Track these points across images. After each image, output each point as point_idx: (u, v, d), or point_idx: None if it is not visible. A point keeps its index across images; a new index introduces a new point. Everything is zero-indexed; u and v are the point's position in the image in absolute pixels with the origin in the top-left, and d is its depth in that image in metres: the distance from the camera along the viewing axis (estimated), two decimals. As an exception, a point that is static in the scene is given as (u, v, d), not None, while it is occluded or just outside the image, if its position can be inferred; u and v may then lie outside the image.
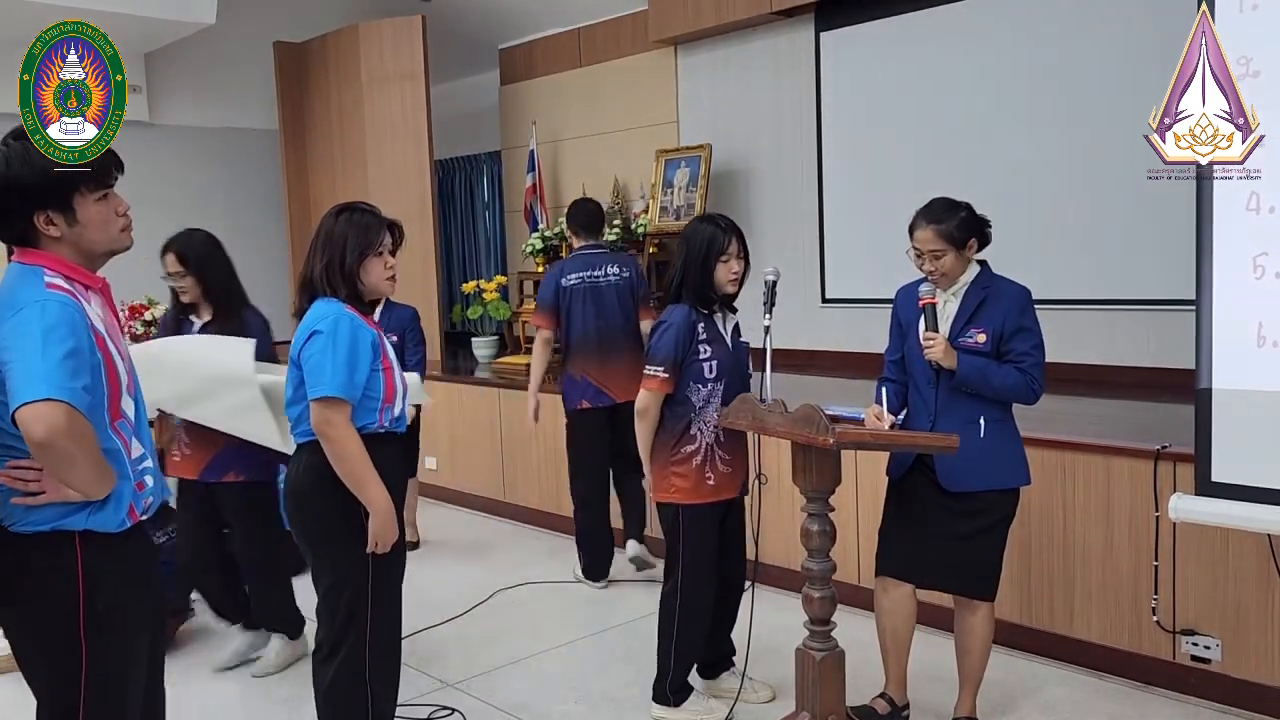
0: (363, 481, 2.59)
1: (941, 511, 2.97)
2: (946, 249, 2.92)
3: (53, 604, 1.96)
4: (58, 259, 2.00)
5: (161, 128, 9.29)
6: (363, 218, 2.72)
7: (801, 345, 6.30)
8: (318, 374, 2.58)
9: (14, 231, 2.00)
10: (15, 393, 1.82)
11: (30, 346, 1.84)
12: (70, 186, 2.00)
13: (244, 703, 3.65)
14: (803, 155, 6.41)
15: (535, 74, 8.11)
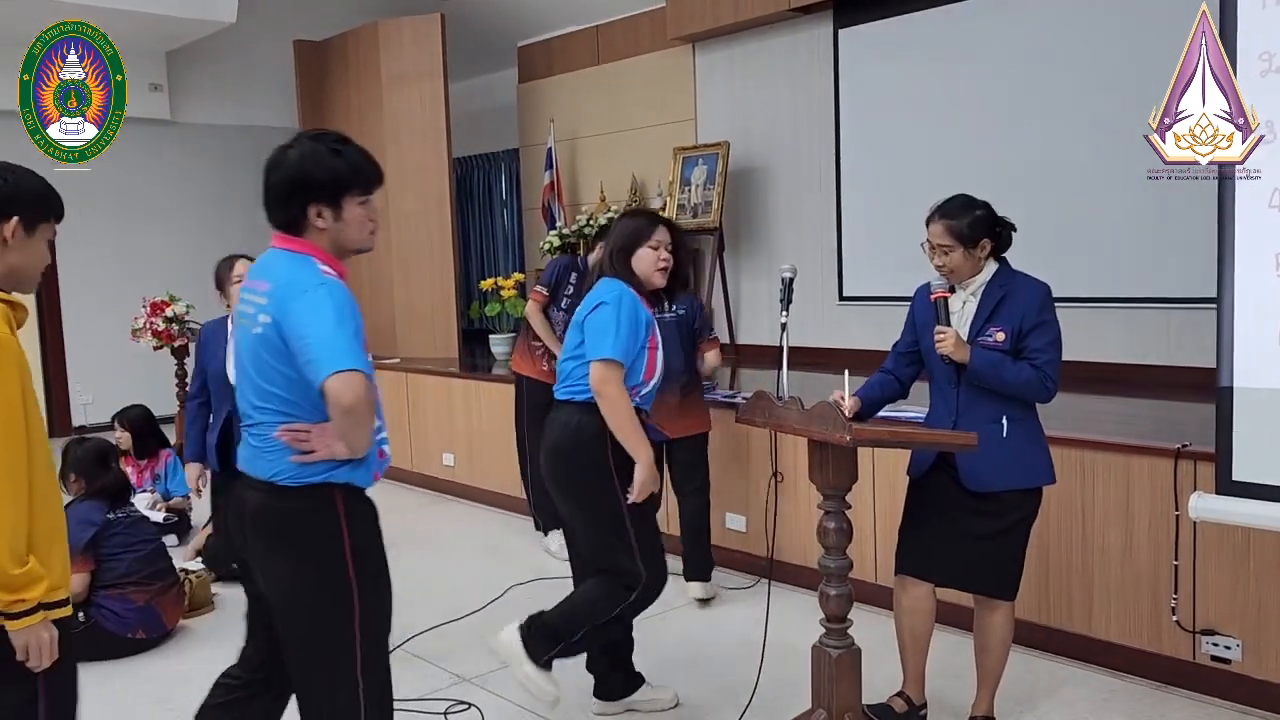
0: (631, 435, 2.97)
1: (963, 511, 2.95)
2: (955, 245, 2.92)
3: (324, 545, 2.21)
4: (319, 249, 2.25)
5: (182, 125, 9.38)
6: (640, 218, 3.20)
7: (818, 343, 6.30)
8: (601, 338, 2.96)
9: (287, 217, 2.25)
10: (322, 363, 2.06)
11: (328, 323, 2.09)
12: (345, 187, 2.24)
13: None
14: (821, 152, 6.40)
15: (553, 72, 8.13)
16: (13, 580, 1.91)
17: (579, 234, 6.89)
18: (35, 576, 1.93)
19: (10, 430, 1.92)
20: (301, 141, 2.27)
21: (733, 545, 4.76)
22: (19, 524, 1.92)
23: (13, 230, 2.03)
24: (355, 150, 2.28)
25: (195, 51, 8.97)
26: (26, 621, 1.93)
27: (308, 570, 2.22)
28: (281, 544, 2.23)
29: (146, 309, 7.02)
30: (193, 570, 4.48)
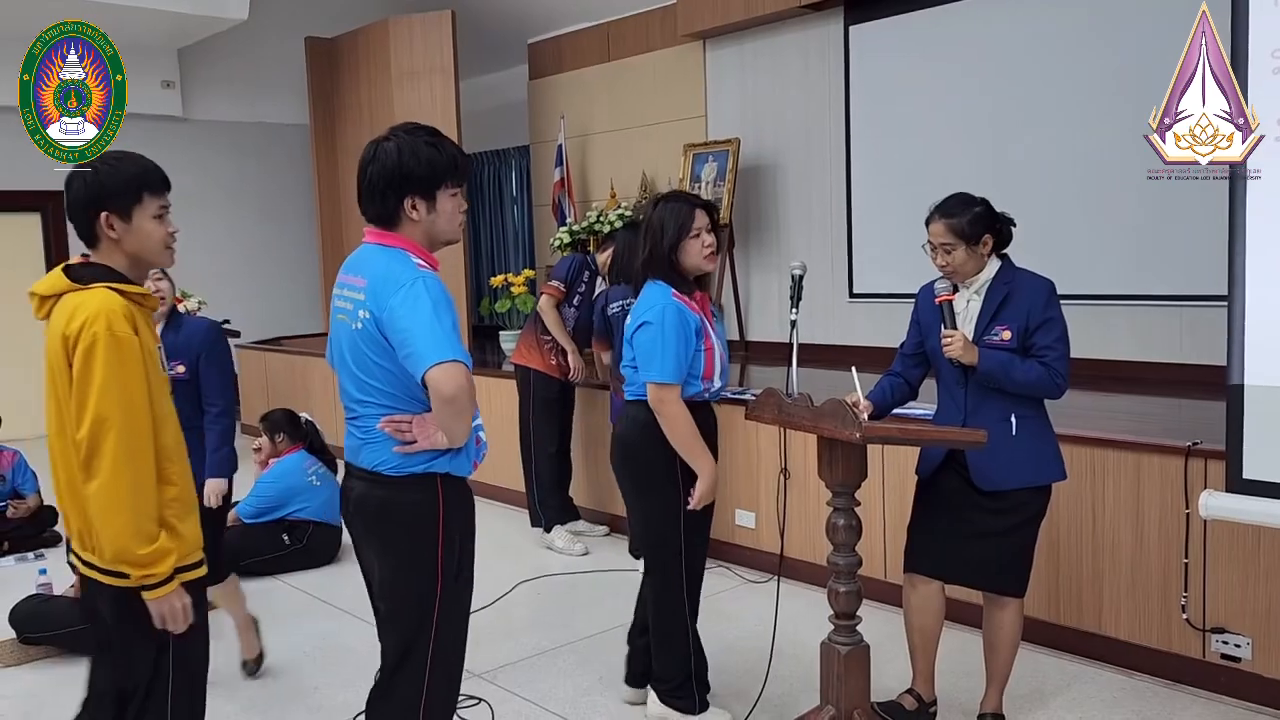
0: (692, 450, 3.01)
1: (973, 509, 2.95)
2: (957, 244, 2.92)
3: (421, 532, 2.29)
4: (412, 243, 2.30)
5: (195, 122, 9.42)
6: (677, 205, 3.07)
7: (828, 340, 6.30)
8: (649, 360, 2.99)
9: (384, 210, 2.29)
10: (423, 356, 2.13)
11: (426, 316, 2.15)
12: (440, 179, 2.29)
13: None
14: (831, 149, 6.40)
15: (564, 68, 8.14)
16: (140, 559, 2.06)
17: (589, 230, 6.90)
18: (163, 552, 2.08)
19: (135, 420, 2.06)
20: (397, 135, 2.30)
21: (742, 541, 4.77)
22: (146, 507, 2.07)
23: (108, 223, 2.13)
24: (448, 143, 2.34)
25: (207, 48, 9.00)
26: (160, 592, 2.09)
27: (401, 557, 2.32)
28: (381, 531, 2.34)
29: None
30: (205, 565, 4.51)
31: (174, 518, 2.14)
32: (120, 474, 2.04)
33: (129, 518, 2.05)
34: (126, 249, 2.16)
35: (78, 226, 2.17)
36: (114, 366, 2.04)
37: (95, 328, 2.03)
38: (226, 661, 3.74)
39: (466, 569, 2.40)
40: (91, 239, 2.17)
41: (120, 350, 2.04)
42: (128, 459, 2.05)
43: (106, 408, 2.03)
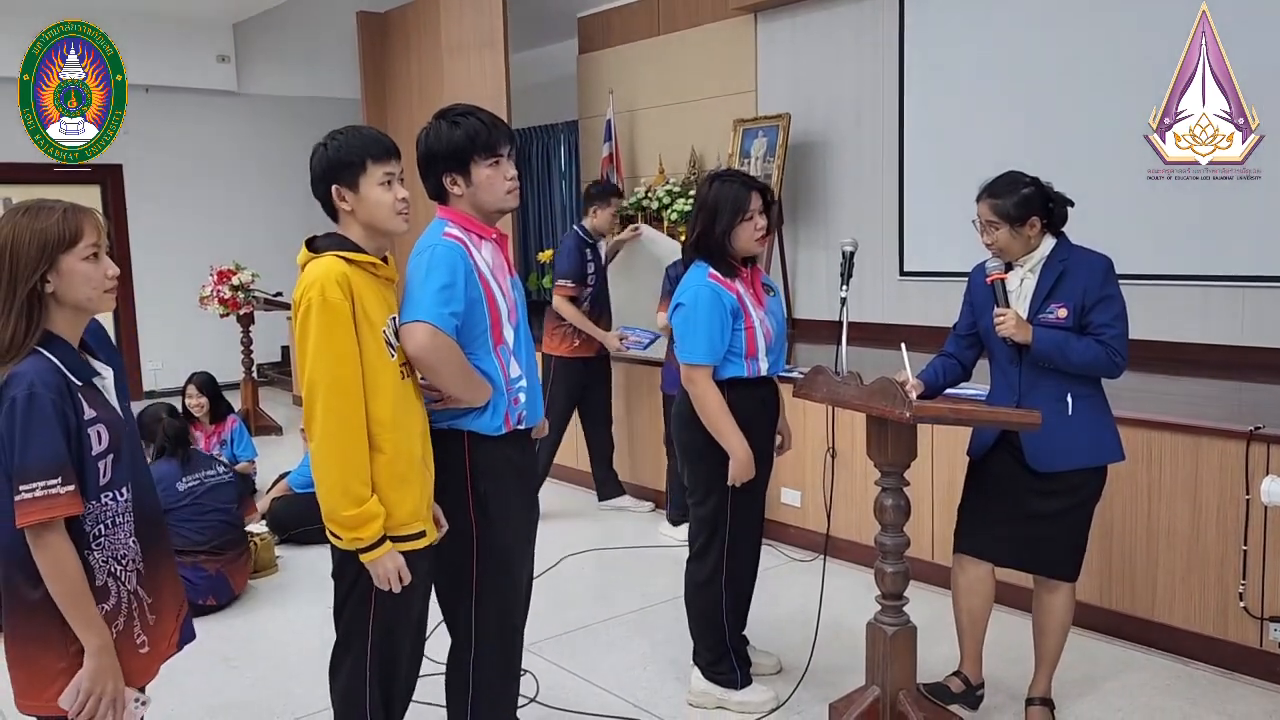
0: (721, 430, 3.03)
1: (1026, 491, 2.90)
2: (1000, 224, 2.86)
3: (450, 486, 2.42)
4: (459, 213, 2.45)
5: (248, 97, 9.52)
6: (733, 187, 3.07)
7: (878, 318, 6.22)
8: (682, 341, 3.06)
9: (432, 188, 2.48)
10: (401, 317, 2.30)
11: (418, 281, 2.32)
12: (467, 154, 2.41)
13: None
14: (884, 124, 6.29)
15: (613, 42, 8.09)
16: (346, 520, 2.16)
17: (637, 206, 6.87)
18: (370, 515, 2.17)
19: (343, 384, 2.14)
20: (429, 124, 2.48)
21: (788, 520, 4.75)
22: (356, 469, 2.15)
23: (339, 195, 2.24)
24: (474, 119, 2.43)
25: (261, 23, 9.08)
26: (375, 554, 2.19)
27: (441, 504, 2.42)
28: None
29: (214, 277, 7.18)
30: (257, 533, 4.59)
31: (385, 485, 2.20)
32: (330, 435, 2.14)
33: (337, 478, 2.14)
34: (360, 218, 2.25)
35: (321, 202, 2.29)
36: (324, 331, 2.12)
37: (311, 294, 2.13)
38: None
39: (502, 522, 2.47)
40: (332, 212, 2.28)
41: (330, 315, 2.12)
42: (337, 421, 2.13)
43: (317, 371, 2.13)
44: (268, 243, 8.44)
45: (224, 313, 7.23)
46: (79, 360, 1.89)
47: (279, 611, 4.12)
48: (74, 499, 1.79)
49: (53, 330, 1.86)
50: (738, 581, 3.24)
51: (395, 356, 2.25)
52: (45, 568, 1.79)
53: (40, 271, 1.82)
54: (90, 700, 1.84)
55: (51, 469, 1.76)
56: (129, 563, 1.93)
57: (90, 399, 1.87)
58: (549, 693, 3.38)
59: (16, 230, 1.83)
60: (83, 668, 1.84)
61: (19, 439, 1.76)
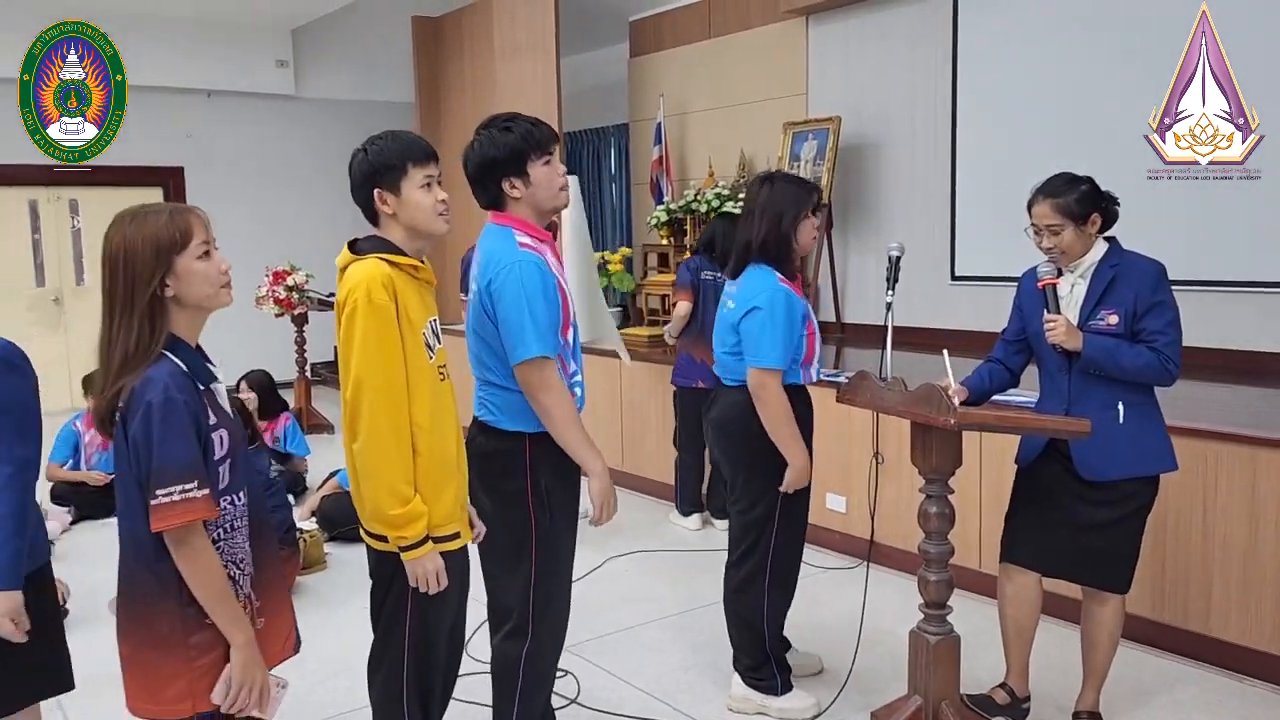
0: (785, 437, 3.03)
1: (1075, 499, 2.86)
2: (1064, 224, 2.80)
3: (510, 481, 2.52)
4: (520, 220, 2.52)
5: (305, 100, 9.68)
6: (794, 187, 3.14)
7: (928, 324, 6.15)
8: (757, 346, 3.02)
9: (489, 196, 2.54)
10: (512, 349, 2.42)
11: (519, 307, 2.40)
12: (523, 155, 2.48)
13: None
14: (936, 127, 6.22)
15: (664, 46, 8.10)
16: (393, 519, 2.18)
17: (686, 209, 6.87)
18: (415, 514, 2.20)
19: (389, 384, 2.17)
20: (478, 133, 2.55)
21: (833, 526, 4.72)
22: (400, 468, 2.19)
23: (381, 198, 2.27)
24: (522, 121, 2.51)
25: (319, 28, 9.23)
26: (416, 554, 2.22)
27: (497, 500, 2.54)
28: (481, 473, 2.55)
29: (269, 277, 7.31)
30: (307, 529, 4.66)
31: (421, 486, 2.23)
32: (376, 435, 2.16)
33: (383, 478, 2.17)
34: (401, 221, 2.27)
35: (361, 206, 2.32)
36: (370, 332, 2.14)
37: (356, 295, 2.16)
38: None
39: (562, 516, 2.56)
40: (373, 216, 2.31)
41: (376, 317, 2.14)
42: (384, 421, 2.16)
43: (364, 372, 2.15)
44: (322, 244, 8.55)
45: (279, 313, 7.37)
46: (201, 364, 1.92)
47: (326, 608, 4.18)
48: (209, 502, 1.82)
49: (175, 334, 1.89)
50: (780, 587, 3.22)
51: (434, 359, 2.28)
52: (189, 570, 1.83)
53: (158, 276, 1.84)
54: (241, 692, 1.89)
55: (188, 473, 1.78)
56: (244, 566, 1.97)
57: (211, 403, 1.90)
58: (590, 694, 3.39)
59: (127, 238, 1.85)
60: (231, 661, 1.89)
61: (155, 443, 1.77)
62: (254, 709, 1.93)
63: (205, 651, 1.88)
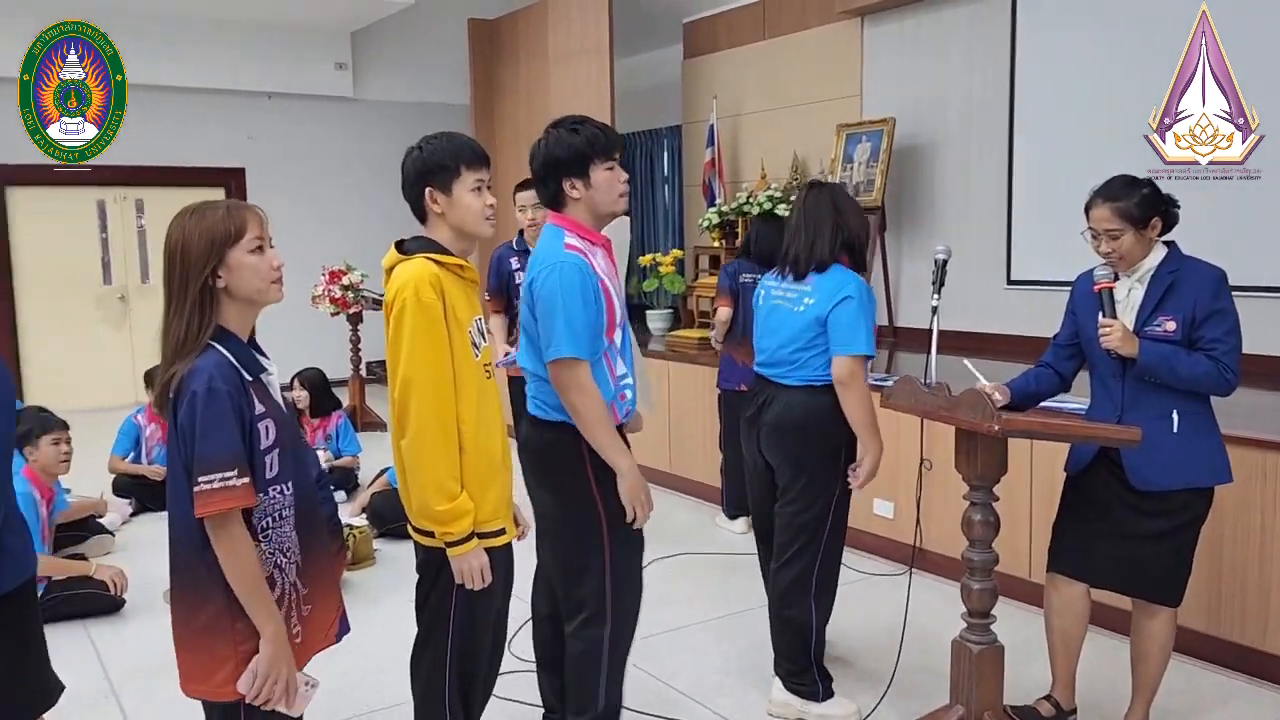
0: (869, 426, 3.06)
1: (1126, 509, 2.79)
2: (1124, 228, 2.74)
3: (570, 474, 2.57)
4: (575, 221, 2.57)
5: (364, 103, 9.83)
6: (844, 191, 3.29)
7: (982, 328, 6.06)
8: (852, 334, 3.03)
9: (550, 194, 2.61)
10: (544, 348, 2.48)
11: (555, 307, 2.45)
12: (587, 158, 2.54)
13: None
14: (993, 129, 6.13)
15: (718, 47, 8.08)
16: (439, 515, 2.21)
17: (738, 211, 6.85)
18: (462, 511, 2.23)
19: (437, 382, 2.20)
20: (546, 132, 2.61)
21: (879, 531, 4.67)
22: (448, 465, 2.22)
23: (432, 198, 2.31)
24: (590, 125, 2.57)
25: (378, 31, 9.37)
26: (461, 550, 2.24)
27: (558, 492, 2.60)
28: (539, 469, 2.64)
29: (325, 277, 7.44)
30: (356, 525, 4.74)
31: (467, 483, 2.27)
32: (424, 432, 2.19)
33: (431, 474, 2.20)
34: (450, 221, 2.32)
35: (411, 204, 2.36)
36: (419, 331, 2.19)
37: (405, 294, 2.20)
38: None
39: (620, 499, 2.56)
40: (421, 214, 2.36)
41: (425, 316, 2.19)
42: (431, 418, 2.19)
43: (412, 370, 2.19)
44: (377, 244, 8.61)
45: (334, 311, 7.48)
46: (250, 355, 1.96)
47: (373, 604, 4.24)
48: (249, 491, 1.86)
49: (225, 326, 1.94)
50: (826, 590, 3.21)
51: (480, 357, 2.30)
52: (224, 557, 1.87)
53: (210, 266, 1.90)
54: (266, 684, 1.92)
55: (228, 461, 1.83)
56: (291, 555, 2.00)
57: (259, 394, 1.94)
58: (630, 695, 3.37)
59: (185, 231, 1.92)
60: (259, 653, 1.92)
61: (199, 431, 1.83)
62: (279, 703, 1.95)
63: (252, 637, 1.92)
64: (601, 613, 2.61)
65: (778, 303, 3.20)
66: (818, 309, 3.07)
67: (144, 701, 3.44)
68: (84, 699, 3.45)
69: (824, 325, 3.05)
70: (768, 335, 3.22)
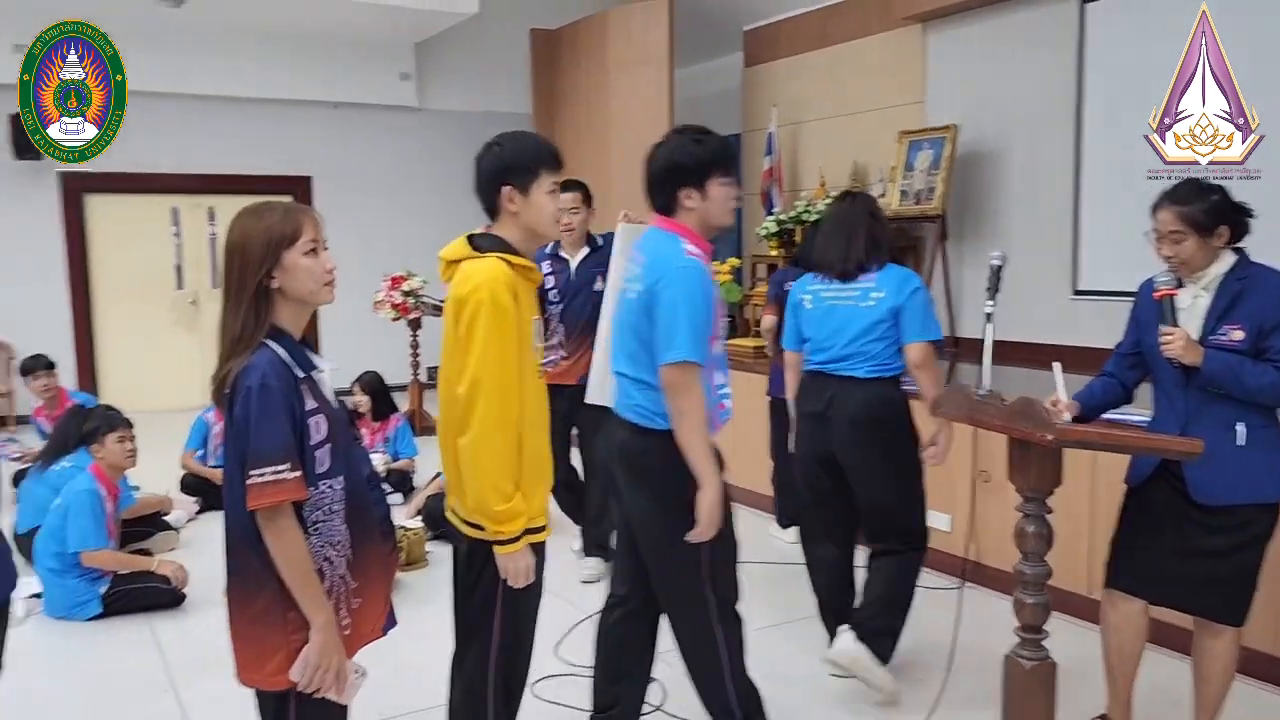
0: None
1: (1189, 525, 2.71)
2: (1187, 233, 2.66)
3: (673, 478, 2.55)
4: (688, 230, 2.58)
5: (428, 112, 9.98)
6: (875, 201, 3.56)
7: (1047, 339, 5.92)
8: (927, 321, 3.30)
9: (663, 200, 2.61)
10: (661, 348, 2.47)
11: (678, 310, 2.45)
12: (707, 170, 2.56)
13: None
14: (1059, 136, 6.00)
15: (779, 55, 8.04)
16: (496, 514, 2.24)
17: (796, 220, 6.80)
18: (516, 512, 2.26)
19: (505, 384, 2.23)
20: (670, 137, 2.62)
21: (935, 545, 4.55)
22: (507, 467, 2.24)
23: (509, 198, 2.33)
24: (715, 138, 2.59)
25: (441, 42, 9.51)
26: (509, 549, 2.27)
27: (660, 499, 2.60)
28: (637, 475, 2.64)
29: (386, 283, 7.55)
30: (410, 527, 4.79)
31: (525, 481, 2.30)
32: (487, 432, 2.21)
33: (490, 475, 2.22)
34: (523, 221, 2.34)
35: (483, 198, 2.38)
36: (493, 332, 2.21)
37: (481, 294, 2.22)
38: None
39: (724, 509, 2.60)
40: (493, 211, 2.37)
41: (499, 318, 2.22)
42: (496, 419, 2.21)
43: (483, 371, 2.21)
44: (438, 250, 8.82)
45: (395, 317, 7.60)
46: (302, 353, 2.01)
47: (425, 604, 4.28)
48: (300, 484, 1.91)
49: (278, 324, 1.98)
50: (920, 566, 3.54)
51: (537, 357, 2.34)
52: (276, 549, 1.91)
53: (266, 267, 1.94)
54: (318, 673, 1.96)
55: (280, 455, 1.88)
56: (341, 549, 2.04)
57: (311, 390, 1.98)
58: (675, 701, 3.37)
59: (245, 230, 1.97)
60: (310, 642, 1.96)
61: (252, 426, 1.88)
62: (329, 691, 1.99)
63: (303, 627, 1.96)
64: (718, 612, 2.67)
65: (835, 302, 3.34)
66: (891, 301, 3.26)
67: (200, 693, 3.52)
68: (143, 689, 3.55)
69: (896, 316, 3.26)
70: (831, 333, 3.34)
